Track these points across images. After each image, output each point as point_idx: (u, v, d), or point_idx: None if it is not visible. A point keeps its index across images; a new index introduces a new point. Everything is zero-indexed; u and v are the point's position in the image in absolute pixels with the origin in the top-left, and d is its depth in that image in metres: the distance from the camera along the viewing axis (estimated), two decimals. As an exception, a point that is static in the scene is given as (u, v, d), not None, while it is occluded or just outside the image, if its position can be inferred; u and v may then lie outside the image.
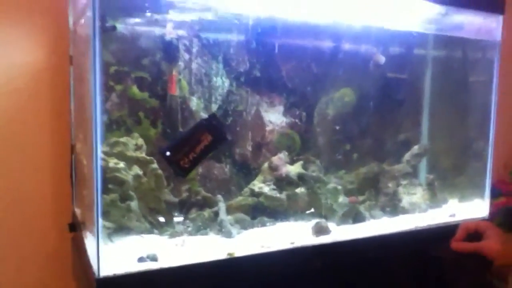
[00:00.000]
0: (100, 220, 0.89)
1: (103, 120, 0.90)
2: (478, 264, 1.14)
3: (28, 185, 1.28)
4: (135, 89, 1.16)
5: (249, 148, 1.31)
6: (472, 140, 1.42)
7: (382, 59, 1.25)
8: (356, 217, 1.21)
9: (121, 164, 1.04)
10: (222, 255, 0.96)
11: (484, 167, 1.36)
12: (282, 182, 1.21)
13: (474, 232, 1.16)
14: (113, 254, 0.95)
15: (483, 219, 1.30)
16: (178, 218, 1.14)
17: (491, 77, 1.33)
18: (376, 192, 1.31)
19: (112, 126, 1.14)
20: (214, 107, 1.25)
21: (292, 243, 1.02)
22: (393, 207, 1.29)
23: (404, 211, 1.29)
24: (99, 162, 0.86)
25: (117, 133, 1.13)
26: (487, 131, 1.34)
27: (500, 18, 1.30)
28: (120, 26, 1.11)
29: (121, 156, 1.07)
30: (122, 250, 0.98)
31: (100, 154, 0.86)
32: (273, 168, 1.21)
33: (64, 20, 1.22)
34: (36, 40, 1.26)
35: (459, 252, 1.16)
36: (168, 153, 0.89)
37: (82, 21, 1.05)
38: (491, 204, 1.40)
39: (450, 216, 1.30)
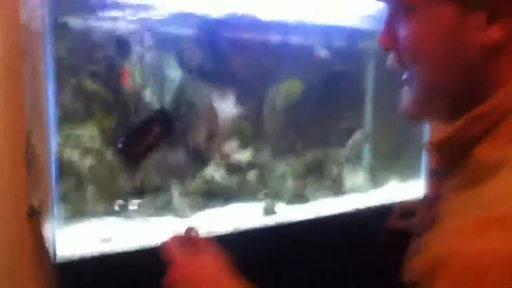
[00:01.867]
0: (55, 206, 0.94)
1: (56, 113, 0.95)
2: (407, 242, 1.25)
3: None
4: (88, 82, 1.21)
5: (203, 138, 1.38)
6: (410, 126, 1.54)
7: (324, 53, 1.35)
8: (303, 199, 1.31)
9: (76, 154, 1.09)
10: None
11: (419, 150, 1.48)
12: (233, 168, 1.29)
13: (410, 211, 1.27)
14: (70, 238, 1.00)
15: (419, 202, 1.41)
16: (133, 204, 1.21)
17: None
18: (321, 176, 1.41)
19: (67, 119, 1.19)
20: (168, 99, 1.31)
21: (236, 228, 1.11)
22: (337, 189, 1.39)
23: (347, 192, 1.39)
24: (53, 152, 0.91)
25: (72, 125, 1.17)
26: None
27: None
28: (72, 22, 1.16)
29: (76, 147, 1.11)
30: (78, 234, 1.03)
31: (54, 145, 0.91)
32: (224, 156, 1.29)
33: (15, 13, 1.25)
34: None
35: (393, 230, 1.26)
36: (120, 145, 0.95)
37: (35, 15, 1.09)
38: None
39: (389, 196, 1.41)
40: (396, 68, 0.59)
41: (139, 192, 1.19)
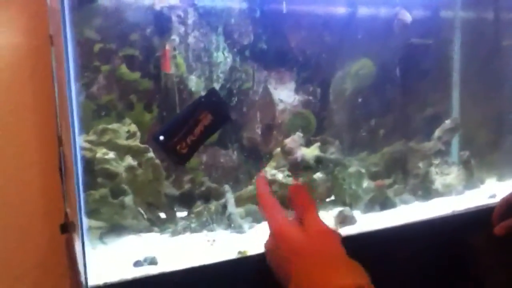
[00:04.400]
0: (85, 220, 0.76)
1: (80, 104, 0.76)
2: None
3: (14, 183, 1.15)
4: (124, 68, 1.02)
5: (259, 131, 1.16)
6: (509, 112, 1.25)
7: (408, 17, 1.09)
8: (384, 203, 1.06)
9: (111, 154, 0.90)
10: (232, 255, 0.82)
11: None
12: (298, 167, 1.07)
13: None
14: (105, 259, 0.82)
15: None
16: (181, 213, 1.01)
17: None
18: (404, 174, 1.16)
19: (101, 112, 1.01)
20: (216, 86, 1.11)
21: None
22: (425, 190, 1.14)
23: (438, 194, 1.13)
24: (78, 151, 0.72)
25: (107, 120, 0.99)
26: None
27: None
28: (102, -4, 0.97)
29: (111, 145, 0.93)
30: (116, 253, 0.84)
31: (79, 143, 0.72)
32: (286, 152, 1.07)
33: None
34: (12, 20, 1.12)
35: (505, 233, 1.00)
36: (161, 138, 0.75)
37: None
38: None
39: (490, 197, 1.14)
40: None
41: (185, 201, 0.99)
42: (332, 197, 1.12)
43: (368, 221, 1.00)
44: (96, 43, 0.99)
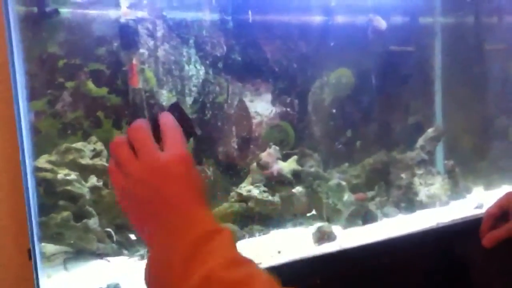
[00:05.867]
0: (39, 245, 0.71)
1: (30, 121, 0.72)
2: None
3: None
4: (90, 84, 0.98)
5: (235, 146, 1.12)
6: (494, 117, 1.22)
7: (382, 24, 1.06)
8: (366, 217, 1.02)
9: (73, 175, 0.85)
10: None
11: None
12: (274, 182, 1.03)
13: (500, 214, 0.96)
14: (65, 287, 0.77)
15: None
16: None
17: (512, 42, 1.13)
18: (387, 186, 1.12)
19: (66, 131, 0.96)
20: (189, 100, 1.07)
21: (279, 252, 0.84)
22: (409, 202, 1.09)
23: (422, 205, 1.09)
24: (29, 174, 0.68)
25: (72, 139, 0.95)
26: (512, 104, 1.14)
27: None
28: (64, 11, 0.93)
29: (74, 165, 0.88)
30: (78, 281, 0.79)
31: (29, 165, 0.68)
32: (262, 166, 1.02)
33: None
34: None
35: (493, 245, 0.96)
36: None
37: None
38: None
39: (477, 207, 1.10)
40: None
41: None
42: (314, 212, 1.08)
43: (349, 237, 0.96)
44: (59, 59, 0.95)
